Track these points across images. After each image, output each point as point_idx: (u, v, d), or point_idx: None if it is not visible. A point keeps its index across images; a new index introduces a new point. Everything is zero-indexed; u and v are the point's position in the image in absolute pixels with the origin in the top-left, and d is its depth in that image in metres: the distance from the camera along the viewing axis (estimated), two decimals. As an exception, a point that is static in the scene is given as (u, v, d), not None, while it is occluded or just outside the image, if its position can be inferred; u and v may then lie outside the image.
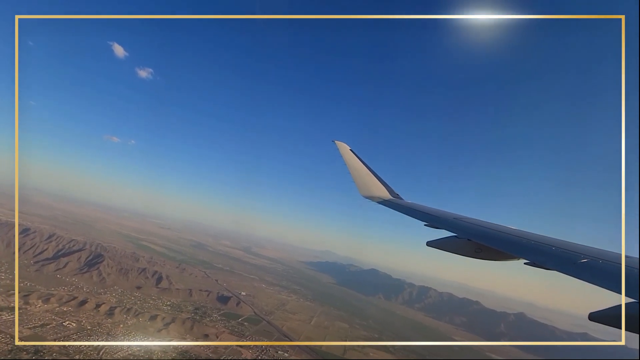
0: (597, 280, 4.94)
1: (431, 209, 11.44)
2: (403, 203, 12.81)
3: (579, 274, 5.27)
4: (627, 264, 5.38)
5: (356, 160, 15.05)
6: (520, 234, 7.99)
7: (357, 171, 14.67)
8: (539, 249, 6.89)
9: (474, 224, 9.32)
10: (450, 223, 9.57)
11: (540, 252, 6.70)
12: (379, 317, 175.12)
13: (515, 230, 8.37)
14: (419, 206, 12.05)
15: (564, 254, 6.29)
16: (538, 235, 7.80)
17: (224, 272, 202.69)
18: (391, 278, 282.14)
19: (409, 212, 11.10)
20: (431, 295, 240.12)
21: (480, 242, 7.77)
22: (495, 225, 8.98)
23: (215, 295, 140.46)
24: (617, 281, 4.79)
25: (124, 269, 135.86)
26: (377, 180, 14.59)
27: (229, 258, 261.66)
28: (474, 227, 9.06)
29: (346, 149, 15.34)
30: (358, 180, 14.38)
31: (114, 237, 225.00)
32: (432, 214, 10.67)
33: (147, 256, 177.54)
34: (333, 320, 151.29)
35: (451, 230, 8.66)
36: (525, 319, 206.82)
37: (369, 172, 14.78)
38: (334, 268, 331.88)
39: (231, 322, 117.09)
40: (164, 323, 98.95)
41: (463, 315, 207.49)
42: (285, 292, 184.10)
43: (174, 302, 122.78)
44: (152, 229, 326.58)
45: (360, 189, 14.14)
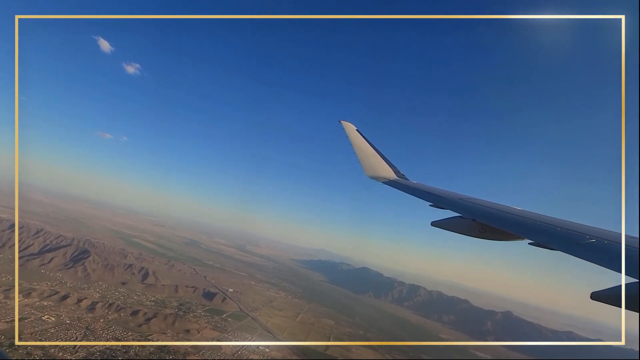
0: (601, 261, 4.85)
1: (436, 189, 11.35)
2: (408, 183, 12.72)
3: (583, 255, 5.20)
4: (629, 244, 5.30)
5: (362, 140, 14.88)
6: (524, 214, 7.95)
7: (362, 151, 14.53)
8: (543, 229, 6.80)
9: (478, 204, 9.28)
10: (455, 203, 9.42)
11: (544, 232, 6.63)
12: (366, 314, 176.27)
13: (519, 210, 8.35)
14: (424, 186, 11.97)
15: (569, 234, 6.24)
16: (543, 215, 7.80)
17: (214, 269, 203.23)
18: (382, 276, 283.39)
19: (414, 192, 11.00)
20: (420, 294, 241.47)
21: (485, 222, 7.68)
22: (500, 205, 8.90)
23: (201, 291, 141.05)
24: (625, 262, 4.73)
25: (110, 265, 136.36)
26: (383, 161, 14.46)
27: (221, 255, 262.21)
28: (478, 207, 8.98)
29: (352, 129, 15.17)
30: (364, 160, 14.28)
31: (105, 233, 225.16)
32: (437, 194, 10.58)
33: (136, 252, 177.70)
34: (319, 317, 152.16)
35: (456, 211, 8.62)
36: (512, 317, 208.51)
37: (374, 153, 14.64)
38: (327, 266, 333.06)
39: (215, 318, 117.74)
40: (145, 318, 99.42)
41: (451, 313, 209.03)
42: (274, 290, 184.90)
43: (159, 298, 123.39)
44: (146, 226, 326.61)
45: (365, 169, 14.03)
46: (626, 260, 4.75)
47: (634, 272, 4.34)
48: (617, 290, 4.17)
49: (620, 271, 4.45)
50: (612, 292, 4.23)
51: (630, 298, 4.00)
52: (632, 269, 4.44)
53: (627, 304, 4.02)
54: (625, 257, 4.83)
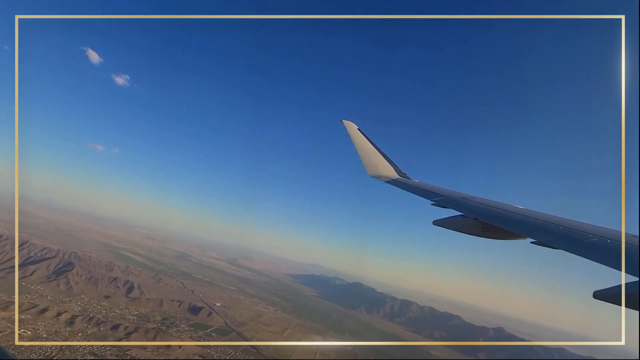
0: (604, 260, 4.81)
1: (438, 188, 11.26)
2: (410, 182, 12.64)
3: (586, 254, 5.13)
4: (630, 243, 5.26)
5: (363, 139, 14.75)
6: (527, 213, 7.85)
7: (364, 150, 14.40)
8: (545, 228, 6.71)
9: (480, 203, 9.17)
10: (457, 202, 9.34)
11: (547, 231, 6.53)
12: (356, 330, 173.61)
13: (522, 209, 8.27)
14: (427, 185, 11.89)
15: (572, 234, 6.15)
16: (545, 214, 7.69)
17: (203, 283, 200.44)
18: (375, 291, 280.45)
19: (416, 191, 10.96)
20: (412, 310, 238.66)
21: (487, 221, 7.57)
22: (502, 204, 8.80)
23: (187, 305, 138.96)
24: (627, 261, 4.69)
25: (93, 278, 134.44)
26: (385, 160, 14.33)
27: (211, 269, 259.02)
28: (481, 206, 8.88)
29: (354, 128, 15.04)
30: (365, 159, 14.13)
31: (94, 246, 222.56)
32: (439, 193, 10.45)
33: (122, 265, 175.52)
34: (307, 332, 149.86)
35: (458, 210, 8.52)
36: (504, 333, 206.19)
37: (376, 152, 14.50)
38: (319, 281, 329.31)
39: (198, 333, 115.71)
40: (125, 333, 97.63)
41: (443, 329, 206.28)
42: (263, 304, 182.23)
43: (142, 312, 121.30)
44: (137, 239, 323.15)
45: (367, 168, 13.88)
46: (628, 259, 4.72)
47: (636, 271, 4.31)
48: (618, 289, 4.16)
49: (626, 271, 4.42)
50: (613, 291, 4.22)
51: (631, 297, 4.00)
52: (634, 268, 4.41)
53: (628, 302, 4.03)
54: (626, 256, 4.81)
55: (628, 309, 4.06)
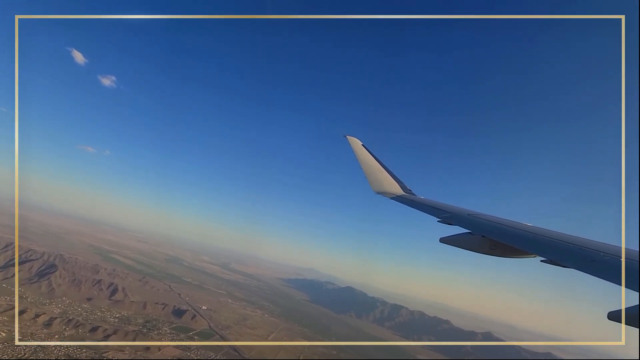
0: (615, 279, 4.69)
1: (444, 205, 11.09)
2: (416, 199, 12.48)
3: (597, 273, 5.01)
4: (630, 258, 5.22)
5: (368, 155, 14.65)
6: (536, 230, 7.68)
7: (369, 166, 14.27)
8: (555, 246, 6.58)
9: (488, 220, 8.98)
10: (464, 219, 9.19)
11: (556, 250, 6.41)
12: (344, 334, 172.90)
13: (531, 227, 8.08)
14: (432, 202, 11.71)
15: (582, 252, 5.99)
16: (554, 232, 7.53)
17: (191, 286, 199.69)
18: (366, 296, 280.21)
19: (422, 208, 10.77)
20: (402, 314, 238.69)
21: (495, 238, 7.41)
22: (511, 221, 8.62)
23: (171, 308, 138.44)
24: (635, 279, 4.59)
25: (77, 280, 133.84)
26: (390, 176, 14.17)
27: (202, 273, 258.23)
28: (488, 223, 8.68)
29: (358, 144, 14.96)
30: (370, 175, 13.99)
31: (83, 249, 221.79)
32: (445, 210, 10.29)
33: (109, 268, 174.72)
34: (293, 336, 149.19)
35: (465, 227, 8.38)
36: (492, 338, 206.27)
37: (381, 168, 14.37)
38: (311, 285, 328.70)
39: (180, 336, 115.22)
40: (104, 335, 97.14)
41: (431, 334, 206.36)
42: (250, 308, 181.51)
43: (124, 315, 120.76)
44: (129, 243, 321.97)
45: (372, 184, 13.73)
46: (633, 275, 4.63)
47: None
48: (634, 310, 4.04)
49: (637, 290, 4.29)
50: (629, 312, 4.07)
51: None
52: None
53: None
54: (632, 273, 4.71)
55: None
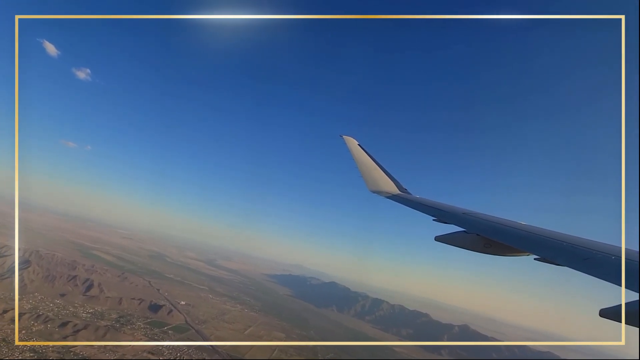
0: (607, 277, 4.80)
1: (440, 204, 11.20)
2: (411, 198, 12.58)
3: (589, 270, 5.12)
4: (632, 258, 5.25)
5: (364, 154, 14.80)
6: (530, 229, 7.76)
7: (365, 166, 14.42)
8: (549, 244, 6.67)
9: (483, 219, 9.07)
10: (459, 218, 9.28)
11: (550, 248, 6.49)
12: (322, 328, 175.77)
13: (525, 225, 8.18)
14: (428, 201, 11.81)
15: (575, 250, 6.08)
16: (548, 230, 7.61)
17: (172, 282, 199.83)
18: (349, 291, 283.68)
19: (417, 207, 10.88)
20: (383, 308, 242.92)
21: (490, 237, 7.53)
22: (505, 220, 8.73)
23: (147, 303, 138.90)
24: (629, 278, 4.65)
25: (50, 276, 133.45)
26: (385, 175, 14.26)
27: (185, 269, 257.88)
28: (483, 222, 8.80)
29: (354, 143, 15.14)
30: (366, 174, 14.12)
31: (63, 245, 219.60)
32: (440, 209, 10.42)
33: (88, 264, 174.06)
34: (271, 330, 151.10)
35: (460, 225, 8.47)
36: (469, 330, 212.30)
37: (376, 167, 14.48)
38: (296, 281, 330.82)
39: (154, 331, 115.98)
40: (73, 330, 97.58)
41: (410, 327, 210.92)
42: (231, 303, 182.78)
43: (98, 310, 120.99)
44: (112, 239, 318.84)
45: (368, 183, 13.83)
46: (631, 275, 4.71)
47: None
48: (626, 307, 4.16)
49: (629, 287, 4.41)
50: (620, 309, 4.21)
51: (637, 315, 4.03)
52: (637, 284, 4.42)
53: (633, 320, 4.04)
54: (630, 273, 4.78)
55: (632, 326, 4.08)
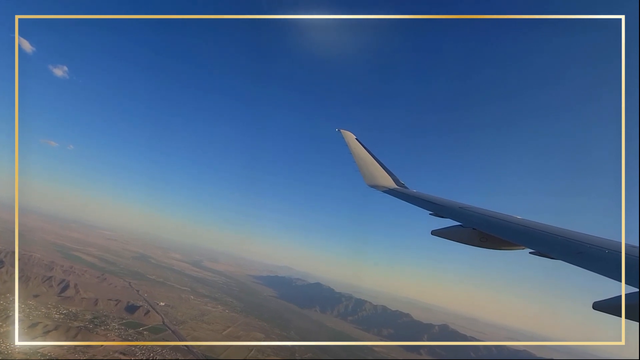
0: (601, 270, 4.87)
1: (436, 198, 11.29)
2: (408, 192, 12.61)
3: (583, 264, 5.20)
4: (630, 253, 5.32)
5: (362, 149, 14.89)
6: (525, 223, 7.91)
7: (362, 160, 14.49)
8: (543, 238, 6.78)
9: (479, 213, 9.17)
10: (456, 212, 9.40)
11: (545, 242, 6.62)
12: (303, 328, 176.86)
13: (520, 219, 8.31)
14: (425, 195, 11.84)
15: (569, 244, 6.19)
16: (543, 224, 7.76)
17: (154, 283, 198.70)
18: (333, 292, 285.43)
19: (414, 201, 10.92)
20: (366, 308, 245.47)
21: (485, 231, 7.62)
22: (501, 214, 8.86)
23: (124, 304, 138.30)
24: (626, 271, 4.72)
25: (25, 277, 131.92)
26: (383, 169, 14.35)
27: (169, 270, 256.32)
28: (479, 216, 8.89)
29: (351, 137, 15.21)
30: (363, 169, 14.19)
31: (42, 246, 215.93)
32: (437, 203, 10.50)
33: (66, 265, 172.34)
34: (250, 331, 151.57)
35: (456, 220, 8.55)
36: (448, 330, 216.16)
37: (374, 161, 14.55)
38: (281, 282, 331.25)
39: (128, 331, 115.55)
40: (43, 331, 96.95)
41: (391, 327, 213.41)
42: (212, 304, 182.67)
43: (72, 311, 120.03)
44: (96, 240, 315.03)
45: (365, 178, 13.87)
46: (627, 269, 4.76)
47: (635, 282, 4.38)
48: (618, 300, 4.22)
49: (621, 280, 4.49)
50: (613, 302, 4.27)
51: (631, 307, 4.07)
52: (633, 279, 4.48)
53: (628, 313, 4.08)
54: (626, 266, 4.85)
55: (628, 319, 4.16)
